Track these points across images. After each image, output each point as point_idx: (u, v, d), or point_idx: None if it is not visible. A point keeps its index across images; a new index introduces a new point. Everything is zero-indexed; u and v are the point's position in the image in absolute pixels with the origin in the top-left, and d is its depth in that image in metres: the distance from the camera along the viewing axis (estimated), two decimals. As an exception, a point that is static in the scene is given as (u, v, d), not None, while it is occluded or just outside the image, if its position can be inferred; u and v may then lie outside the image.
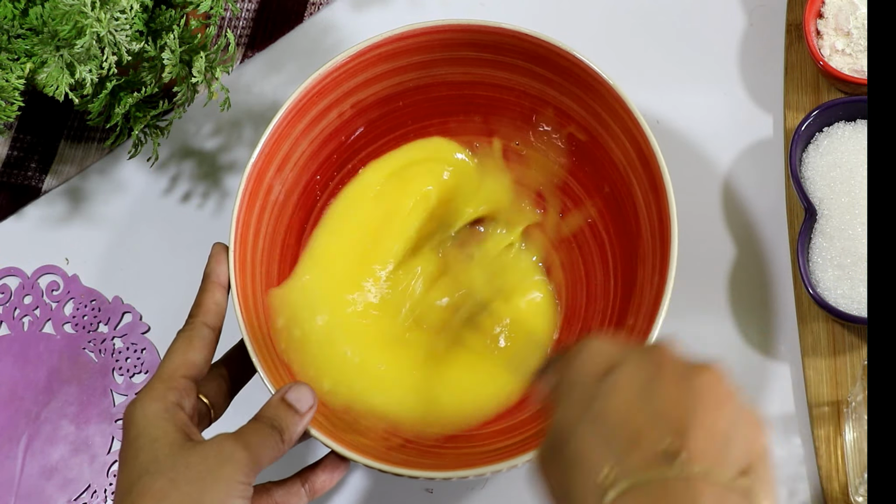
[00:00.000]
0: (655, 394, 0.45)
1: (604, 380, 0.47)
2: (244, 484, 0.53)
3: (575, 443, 0.46)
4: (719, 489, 0.43)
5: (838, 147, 0.72)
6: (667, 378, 0.46)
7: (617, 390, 0.46)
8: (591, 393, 0.47)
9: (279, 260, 0.70)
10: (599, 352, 0.49)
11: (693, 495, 0.42)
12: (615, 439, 0.45)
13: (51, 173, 0.82)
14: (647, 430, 0.44)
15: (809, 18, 0.76)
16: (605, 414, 0.46)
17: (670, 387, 0.45)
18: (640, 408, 0.45)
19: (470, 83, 0.72)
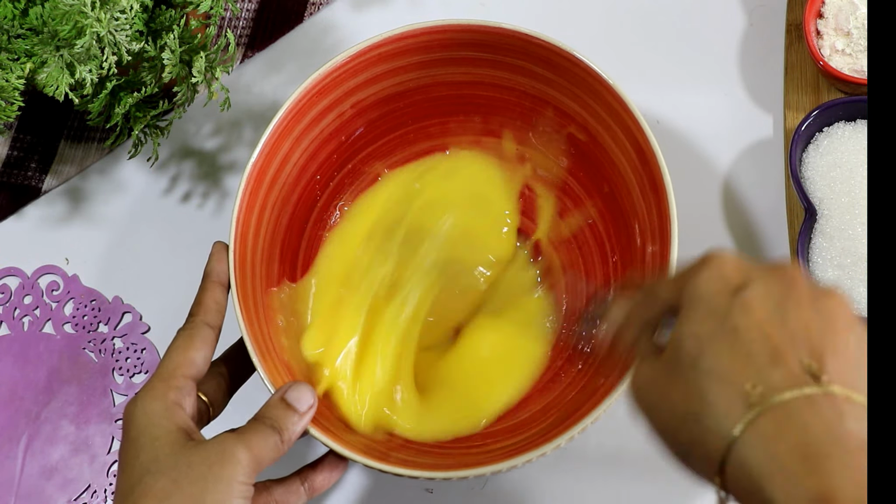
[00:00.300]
0: (790, 313, 0.46)
1: (736, 295, 0.47)
2: (245, 484, 0.53)
3: (711, 356, 0.46)
4: (860, 408, 0.43)
5: (838, 147, 0.72)
6: (799, 298, 0.46)
7: (751, 306, 0.46)
8: (724, 308, 0.47)
9: (279, 259, 0.70)
10: (725, 266, 0.49)
11: (839, 413, 0.43)
12: (756, 355, 0.45)
13: (51, 173, 0.82)
14: (786, 348, 0.45)
15: (809, 18, 0.75)
16: (742, 330, 0.46)
17: (804, 307, 0.46)
18: (777, 326, 0.45)
19: (470, 83, 0.72)
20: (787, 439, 0.43)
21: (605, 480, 0.71)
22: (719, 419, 0.44)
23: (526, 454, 0.58)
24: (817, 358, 0.44)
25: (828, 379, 0.44)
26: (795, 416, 0.43)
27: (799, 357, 0.44)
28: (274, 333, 0.66)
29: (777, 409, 0.43)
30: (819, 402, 0.43)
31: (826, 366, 0.44)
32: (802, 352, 0.45)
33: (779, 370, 0.44)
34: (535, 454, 0.58)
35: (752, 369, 0.45)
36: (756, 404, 0.44)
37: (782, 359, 0.45)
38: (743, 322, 0.46)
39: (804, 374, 0.44)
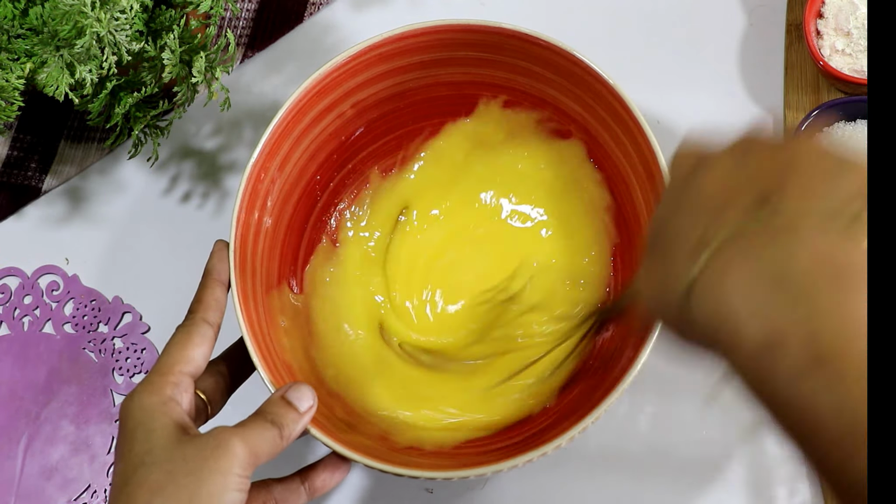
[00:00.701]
0: (748, 162, 0.42)
1: (699, 165, 0.44)
2: (241, 477, 0.53)
3: (671, 225, 0.43)
4: (819, 230, 0.38)
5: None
6: (760, 149, 0.43)
7: (709, 171, 0.43)
8: (684, 184, 0.44)
9: (279, 259, 0.70)
10: (688, 154, 0.46)
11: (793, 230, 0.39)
12: (709, 206, 0.42)
13: (51, 173, 0.82)
14: (740, 190, 0.41)
15: (809, 18, 0.75)
16: (697, 191, 0.43)
17: (764, 155, 0.42)
18: (733, 176, 0.42)
19: (470, 83, 0.72)
20: (735, 276, 0.39)
21: (605, 480, 0.71)
22: (677, 277, 0.42)
23: (526, 454, 0.58)
24: (774, 187, 0.40)
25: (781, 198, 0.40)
26: (744, 248, 0.40)
27: (752, 192, 0.41)
28: (274, 333, 0.66)
29: (727, 246, 0.40)
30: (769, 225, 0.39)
31: (784, 190, 0.40)
32: (757, 187, 0.41)
33: (731, 209, 0.41)
34: (536, 454, 0.58)
35: (704, 218, 0.42)
36: (706, 247, 0.41)
37: (734, 199, 0.41)
38: (699, 185, 0.43)
39: (755, 204, 0.40)
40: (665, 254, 0.44)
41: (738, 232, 0.40)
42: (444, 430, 0.68)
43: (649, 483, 0.70)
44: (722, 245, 0.40)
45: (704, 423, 0.71)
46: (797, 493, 0.69)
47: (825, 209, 0.39)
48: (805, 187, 0.40)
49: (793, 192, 0.40)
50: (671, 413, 0.71)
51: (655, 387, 0.71)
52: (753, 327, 0.38)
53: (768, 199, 0.40)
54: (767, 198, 0.40)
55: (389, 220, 0.74)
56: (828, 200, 0.39)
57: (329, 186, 0.73)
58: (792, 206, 0.39)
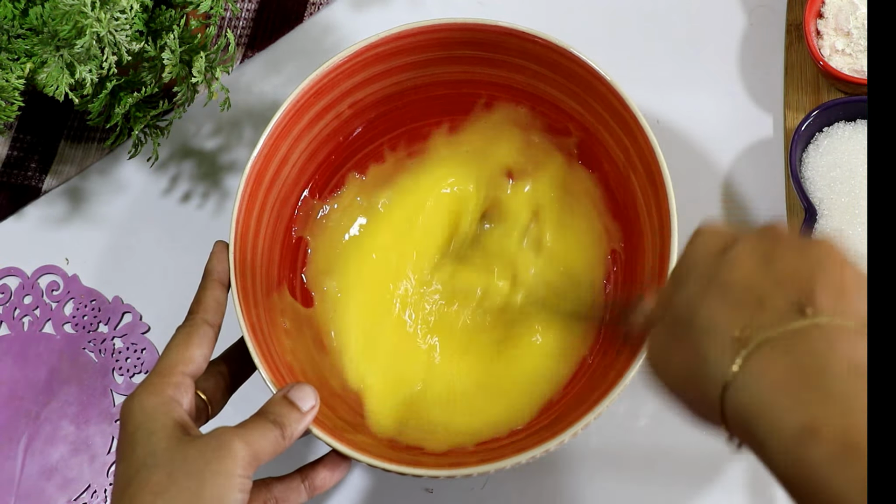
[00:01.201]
0: (776, 261, 0.46)
1: (723, 255, 0.48)
2: (243, 477, 0.53)
3: (703, 313, 0.46)
4: (851, 332, 0.43)
5: (838, 147, 0.72)
6: (785, 248, 0.47)
7: (738, 261, 0.47)
8: (712, 269, 0.47)
9: (279, 259, 0.70)
10: (714, 233, 0.50)
11: (827, 339, 0.43)
12: (743, 302, 0.45)
13: (51, 173, 0.82)
14: (773, 291, 0.45)
15: (809, 18, 0.75)
16: (729, 283, 0.46)
17: (790, 255, 0.46)
18: (764, 274, 0.46)
19: (468, 82, 0.72)
20: (773, 375, 0.43)
21: (605, 480, 0.71)
22: (714, 368, 0.45)
23: (529, 451, 0.58)
24: (805, 295, 0.44)
25: (815, 311, 0.44)
26: (782, 351, 0.43)
27: (786, 296, 0.45)
28: (275, 333, 0.66)
29: (764, 347, 0.44)
30: (806, 333, 0.43)
31: (815, 300, 0.44)
32: (789, 292, 0.45)
33: (766, 311, 0.45)
34: (539, 451, 0.58)
35: (740, 316, 0.45)
36: (744, 346, 0.44)
37: (769, 300, 0.45)
38: (730, 276, 0.47)
39: (791, 311, 0.44)
40: (700, 341, 0.46)
41: (777, 335, 0.44)
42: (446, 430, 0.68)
43: (649, 483, 0.70)
44: (761, 344, 0.44)
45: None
46: (797, 492, 0.69)
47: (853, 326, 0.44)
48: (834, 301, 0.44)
49: (823, 304, 0.44)
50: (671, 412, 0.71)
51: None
52: (790, 419, 0.42)
53: (802, 306, 0.44)
54: (801, 304, 0.44)
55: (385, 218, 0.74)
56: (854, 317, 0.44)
57: (328, 186, 0.73)
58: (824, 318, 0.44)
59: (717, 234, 0.50)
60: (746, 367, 0.44)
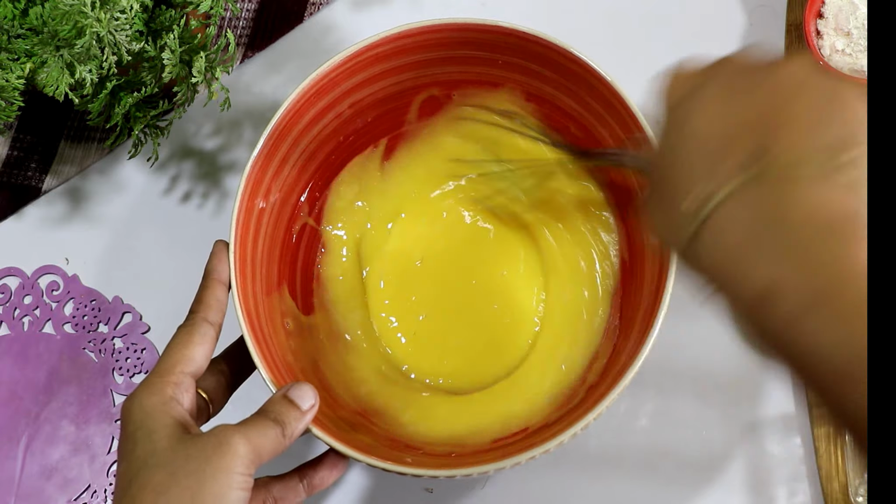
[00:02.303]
0: (742, 96, 0.44)
1: (689, 99, 0.46)
2: (244, 475, 0.53)
3: (668, 169, 0.45)
4: (813, 180, 0.41)
5: (838, 147, 0.72)
6: (748, 80, 0.44)
7: (701, 105, 0.45)
8: (680, 118, 0.46)
9: (279, 259, 0.70)
10: (681, 79, 0.48)
11: (783, 187, 0.41)
12: (705, 154, 0.44)
13: (51, 173, 0.82)
14: (734, 136, 0.43)
15: (809, 18, 0.75)
16: (691, 132, 0.45)
17: (752, 87, 0.44)
18: (728, 114, 0.44)
19: (468, 81, 0.72)
20: (730, 235, 0.42)
21: (605, 480, 0.71)
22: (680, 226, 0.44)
23: (529, 451, 0.58)
24: (765, 136, 0.42)
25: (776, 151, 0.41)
26: (739, 206, 0.42)
27: (747, 141, 0.42)
28: (275, 333, 0.66)
29: (723, 203, 0.42)
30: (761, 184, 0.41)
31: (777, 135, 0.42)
32: (754, 131, 0.43)
33: (727, 160, 0.43)
34: (538, 451, 0.58)
35: (702, 168, 0.43)
36: (705, 202, 0.43)
37: (731, 146, 0.43)
38: (695, 122, 0.45)
39: (751, 158, 0.42)
40: (668, 196, 0.45)
41: (737, 187, 0.42)
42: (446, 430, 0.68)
43: (649, 483, 0.70)
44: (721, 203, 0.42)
45: (704, 423, 0.71)
46: (797, 493, 0.69)
47: (818, 158, 0.41)
48: (797, 133, 0.41)
49: (786, 140, 0.41)
50: (671, 412, 0.72)
51: (656, 385, 0.72)
52: (753, 278, 0.41)
53: (763, 149, 0.42)
54: (763, 147, 0.42)
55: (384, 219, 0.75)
56: (820, 147, 0.41)
57: (329, 185, 0.73)
58: (785, 157, 0.41)
59: (688, 73, 0.48)
60: (709, 222, 0.42)
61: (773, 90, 0.43)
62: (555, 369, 0.69)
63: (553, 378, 0.68)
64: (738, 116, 0.43)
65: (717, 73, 0.46)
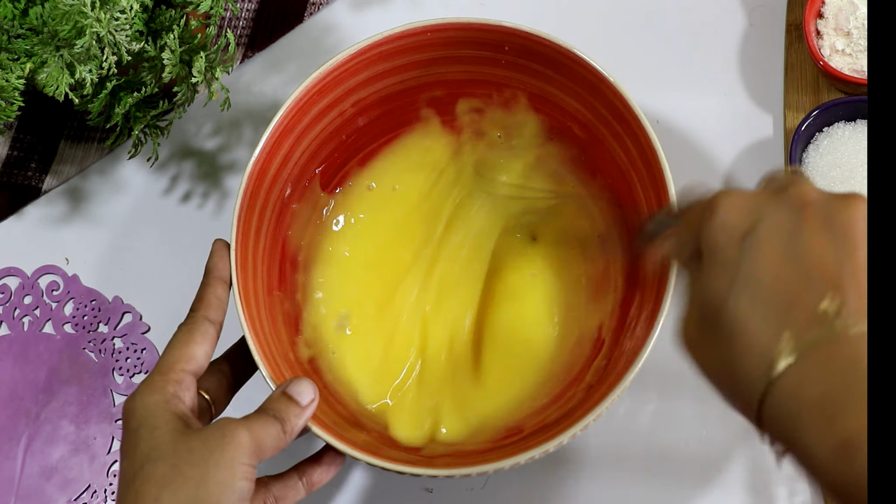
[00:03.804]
0: (802, 244, 0.44)
1: (746, 239, 0.46)
2: (248, 465, 0.53)
3: (729, 313, 0.45)
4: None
5: (838, 147, 0.72)
6: (810, 225, 0.45)
7: (763, 249, 0.45)
8: (736, 256, 0.46)
9: (280, 259, 0.70)
10: (734, 207, 0.47)
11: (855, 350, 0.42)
12: (771, 304, 0.44)
13: (51, 173, 0.82)
14: (802, 287, 0.43)
15: (809, 18, 0.76)
16: (755, 277, 0.45)
17: (816, 234, 0.44)
18: (790, 263, 0.44)
19: (470, 81, 0.72)
20: (809, 391, 0.42)
21: (605, 480, 0.71)
22: (748, 375, 0.44)
23: (528, 451, 0.58)
24: (838, 287, 0.43)
25: (848, 311, 0.42)
26: (814, 365, 0.42)
27: (818, 292, 0.43)
28: (276, 332, 0.66)
29: (799, 362, 0.43)
30: (838, 343, 0.42)
31: (846, 297, 0.43)
32: (821, 285, 0.43)
33: (796, 316, 0.43)
34: (538, 451, 0.58)
35: (769, 320, 0.44)
36: (778, 357, 0.43)
37: (798, 301, 0.43)
38: (755, 267, 0.45)
39: (822, 313, 0.43)
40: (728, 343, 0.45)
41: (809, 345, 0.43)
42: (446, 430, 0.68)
43: (649, 483, 0.70)
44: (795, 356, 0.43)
45: (704, 423, 0.71)
46: (797, 493, 0.69)
47: None
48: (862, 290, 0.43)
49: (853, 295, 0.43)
50: (671, 412, 0.72)
51: (656, 386, 0.71)
52: (829, 436, 0.41)
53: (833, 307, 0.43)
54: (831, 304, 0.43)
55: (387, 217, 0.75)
56: None
57: (330, 185, 0.73)
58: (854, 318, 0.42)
59: (736, 211, 0.48)
60: (783, 381, 0.43)
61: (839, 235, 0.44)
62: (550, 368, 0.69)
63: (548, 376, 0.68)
64: (807, 261, 0.44)
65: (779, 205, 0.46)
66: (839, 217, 0.45)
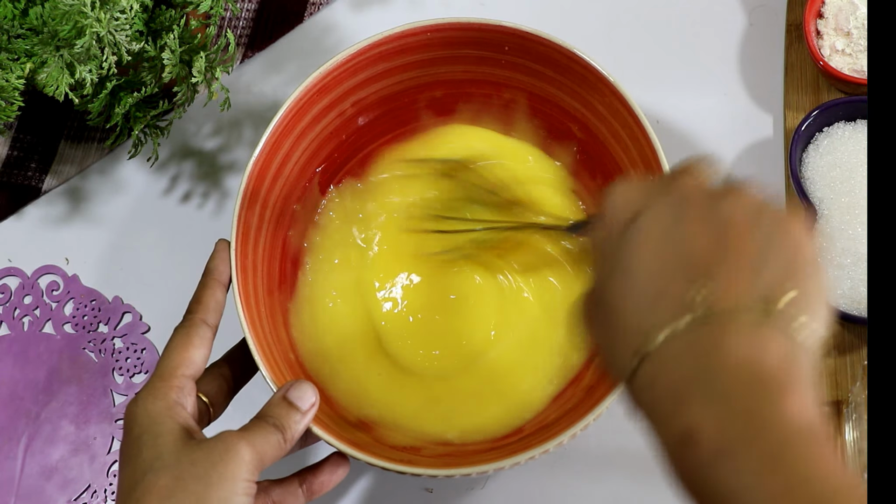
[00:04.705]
0: (680, 234, 0.44)
1: (630, 227, 0.46)
2: (249, 481, 0.53)
3: (607, 300, 0.45)
4: (748, 328, 0.41)
5: (838, 147, 0.72)
6: (691, 213, 0.44)
7: (642, 239, 0.45)
8: (617, 245, 0.46)
9: (280, 259, 0.70)
10: (624, 197, 0.47)
11: (718, 333, 0.41)
12: (643, 293, 0.44)
13: (51, 173, 0.82)
14: (679, 270, 0.43)
15: (809, 18, 0.76)
16: (631, 267, 0.45)
17: (695, 223, 0.44)
18: (667, 253, 0.44)
19: (470, 81, 0.72)
20: (662, 379, 0.42)
21: (605, 480, 0.71)
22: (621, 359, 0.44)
23: (528, 451, 0.58)
24: (703, 277, 0.42)
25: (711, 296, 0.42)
26: (672, 353, 0.42)
27: (683, 280, 0.43)
28: (276, 332, 0.66)
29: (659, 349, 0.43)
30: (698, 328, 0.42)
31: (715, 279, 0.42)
32: (691, 273, 0.43)
33: (663, 305, 0.43)
34: (538, 451, 0.58)
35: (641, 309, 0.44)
36: (642, 345, 0.43)
37: (668, 290, 0.43)
38: (633, 257, 0.45)
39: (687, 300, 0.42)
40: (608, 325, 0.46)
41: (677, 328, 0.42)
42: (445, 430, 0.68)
43: (649, 483, 0.70)
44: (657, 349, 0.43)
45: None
46: (797, 492, 0.69)
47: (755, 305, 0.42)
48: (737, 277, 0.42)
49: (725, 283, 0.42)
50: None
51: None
52: (677, 420, 0.42)
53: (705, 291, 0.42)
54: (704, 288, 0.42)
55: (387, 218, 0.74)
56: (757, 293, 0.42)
57: (329, 185, 0.73)
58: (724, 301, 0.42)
59: (626, 197, 0.47)
60: (641, 369, 0.43)
61: (717, 226, 0.44)
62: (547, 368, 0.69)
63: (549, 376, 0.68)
64: (682, 251, 0.44)
65: (663, 196, 0.46)
66: (722, 205, 0.44)
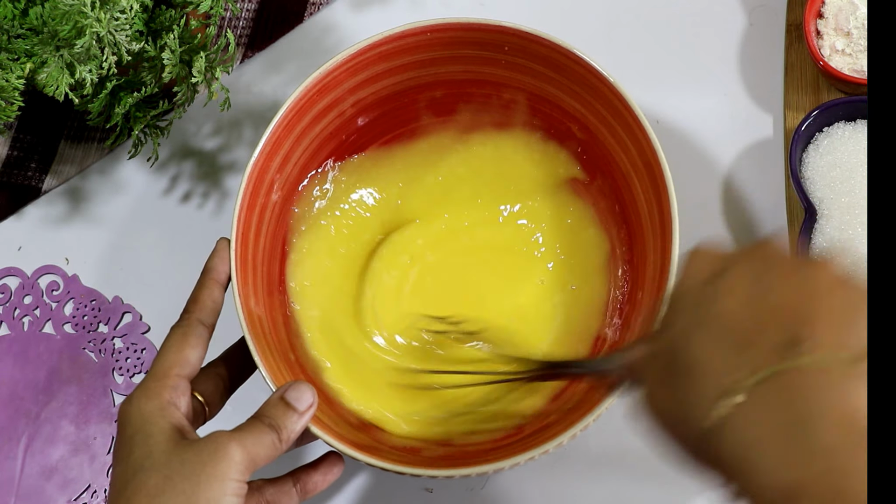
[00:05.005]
0: (768, 288, 0.43)
1: (712, 283, 0.45)
2: (239, 482, 0.53)
3: (690, 350, 0.44)
4: (839, 375, 0.40)
5: (838, 147, 0.72)
6: (778, 272, 0.44)
7: (728, 290, 0.44)
8: (701, 298, 0.45)
9: (280, 259, 0.70)
10: (706, 256, 0.47)
11: (815, 384, 0.40)
12: (730, 340, 0.43)
13: (51, 173, 0.82)
14: (761, 326, 0.42)
15: (809, 18, 0.75)
16: (717, 315, 0.44)
17: (783, 279, 0.43)
18: (755, 303, 0.43)
19: (470, 81, 0.72)
20: (757, 429, 0.41)
21: (605, 480, 0.71)
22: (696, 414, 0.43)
23: (528, 452, 0.58)
24: (794, 330, 0.42)
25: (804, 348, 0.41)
26: (766, 400, 0.41)
27: (775, 332, 0.42)
28: (275, 332, 0.66)
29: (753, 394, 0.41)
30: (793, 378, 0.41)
31: (804, 335, 0.41)
32: (779, 327, 0.42)
33: (755, 349, 0.42)
34: (538, 451, 0.58)
35: (726, 357, 0.43)
36: (729, 393, 0.42)
37: (757, 338, 0.42)
38: (719, 306, 0.44)
39: (779, 351, 0.41)
40: (686, 377, 0.44)
41: (766, 378, 0.41)
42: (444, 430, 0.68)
43: (649, 483, 0.70)
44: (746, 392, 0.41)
45: (704, 423, 0.71)
46: (797, 492, 0.69)
47: (848, 359, 0.41)
48: (830, 330, 0.41)
49: (818, 337, 0.41)
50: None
51: (655, 387, 0.71)
52: (776, 478, 0.40)
53: (794, 343, 0.41)
54: (793, 341, 0.41)
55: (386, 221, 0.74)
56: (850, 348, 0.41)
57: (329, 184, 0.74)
58: (818, 355, 0.41)
59: (708, 257, 0.47)
60: (736, 414, 0.42)
61: (804, 285, 0.43)
62: None
63: None
64: (768, 304, 0.43)
65: (744, 260, 0.45)
66: (809, 270, 0.44)
